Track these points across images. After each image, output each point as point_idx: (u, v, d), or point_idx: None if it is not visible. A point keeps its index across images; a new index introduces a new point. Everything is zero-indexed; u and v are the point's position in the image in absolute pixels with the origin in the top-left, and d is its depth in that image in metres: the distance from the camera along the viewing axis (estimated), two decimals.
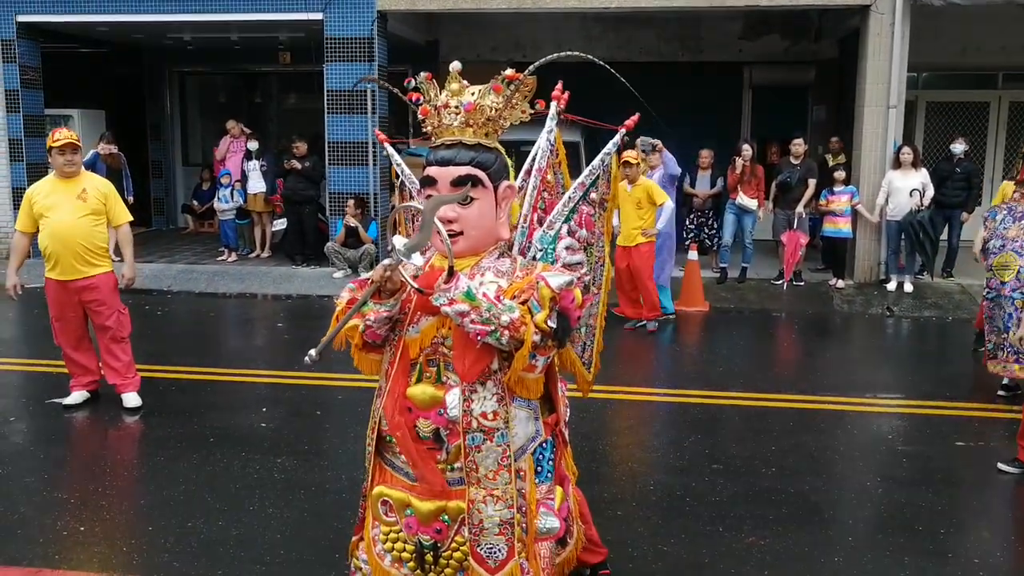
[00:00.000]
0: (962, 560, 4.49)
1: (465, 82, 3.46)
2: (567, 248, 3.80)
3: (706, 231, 12.59)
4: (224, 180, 13.55)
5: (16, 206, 13.40)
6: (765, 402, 7.15)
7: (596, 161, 3.85)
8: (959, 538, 4.74)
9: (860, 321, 10.60)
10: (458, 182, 3.35)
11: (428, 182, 3.41)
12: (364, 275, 4.16)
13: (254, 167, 13.42)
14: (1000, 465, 5.62)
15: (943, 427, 6.60)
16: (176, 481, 5.48)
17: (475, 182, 3.37)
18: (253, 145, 13.49)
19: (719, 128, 14.68)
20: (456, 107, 3.41)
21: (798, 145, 12.03)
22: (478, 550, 3.43)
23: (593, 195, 3.86)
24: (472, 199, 3.37)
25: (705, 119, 14.59)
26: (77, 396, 6.88)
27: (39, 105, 13.85)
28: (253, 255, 13.89)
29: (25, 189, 12.94)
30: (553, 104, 3.81)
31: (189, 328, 10.38)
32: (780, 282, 11.87)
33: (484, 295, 3.14)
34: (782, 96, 15.56)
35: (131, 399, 6.86)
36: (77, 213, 6.57)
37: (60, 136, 6.58)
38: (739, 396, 7.29)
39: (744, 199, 11.81)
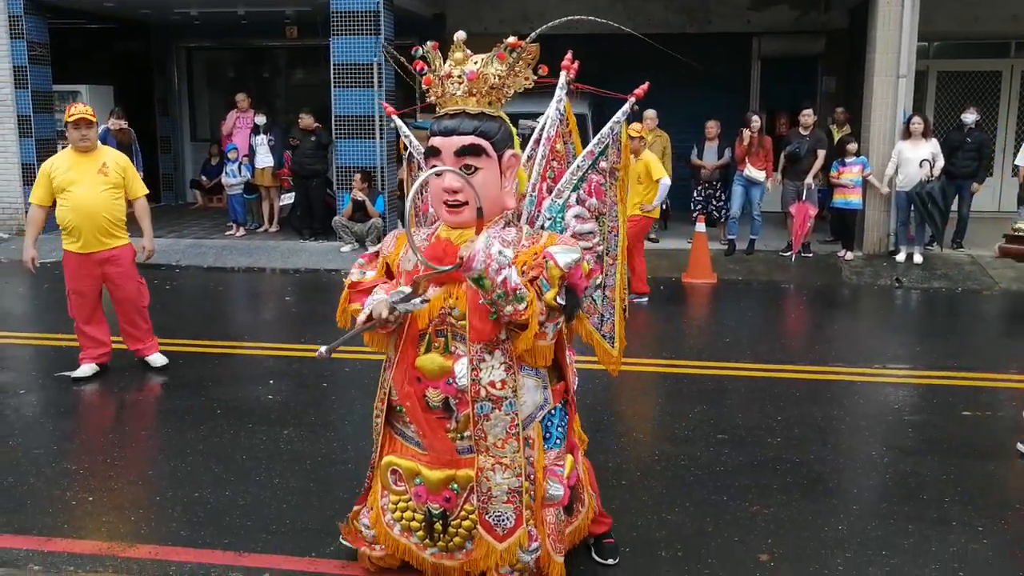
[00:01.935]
0: (966, 528, 4.49)
1: (469, 51, 3.46)
2: (576, 216, 3.82)
3: (714, 203, 12.57)
4: (232, 155, 13.55)
5: (26, 182, 13.47)
6: (772, 373, 7.15)
7: (605, 129, 3.86)
8: (963, 507, 4.74)
9: (869, 292, 10.56)
10: (461, 152, 3.38)
11: (432, 152, 3.44)
12: (372, 248, 4.16)
13: (261, 141, 13.41)
14: (1019, 445, 5.56)
15: (950, 397, 6.58)
16: (183, 452, 5.51)
17: (478, 151, 3.38)
18: (260, 119, 13.48)
19: (727, 99, 14.60)
20: (459, 76, 3.42)
21: (807, 116, 11.96)
22: (486, 518, 3.48)
23: (603, 164, 3.87)
24: (476, 168, 3.39)
25: (713, 90, 14.51)
26: (87, 369, 6.93)
27: (47, 81, 13.87)
28: (261, 229, 13.92)
29: (34, 165, 13.16)
30: (563, 74, 3.81)
31: (197, 302, 10.42)
32: (788, 254, 11.84)
33: (503, 281, 3.13)
34: (791, 67, 15.45)
35: (157, 359, 7.12)
36: (99, 187, 6.69)
37: (75, 111, 6.67)
38: (745, 367, 7.29)
39: (752, 171, 11.76)
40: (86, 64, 15.96)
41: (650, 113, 12.20)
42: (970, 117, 11.85)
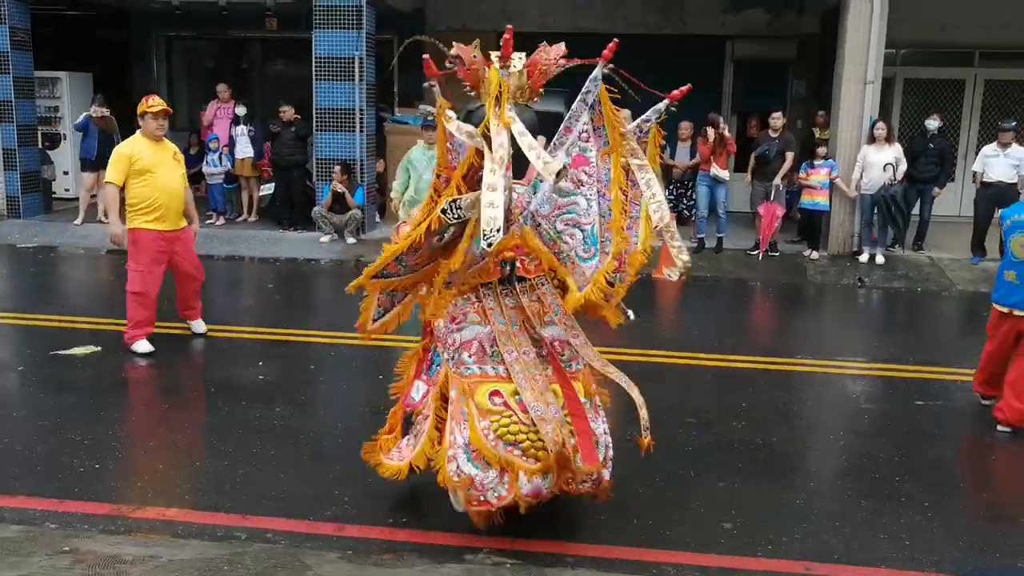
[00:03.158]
0: (915, 503, 4.87)
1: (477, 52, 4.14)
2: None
3: (685, 202, 12.92)
4: (212, 145, 13.72)
5: (7, 167, 13.60)
6: (737, 363, 7.52)
7: (577, 101, 4.31)
8: (913, 484, 5.12)
9: (832, 291, 10.99)
10: None
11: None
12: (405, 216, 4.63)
13: (242, 132, 13.60)
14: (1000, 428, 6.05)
15: (905, 388, 6.99)
16: (182, 426, 5.81)
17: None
18: (241, 110, 13.67)
19: (700, 100, 14.95)
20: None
21: (776, 119, 12.34)
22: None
23: (582, 130, 4.35)
24: None
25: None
26: (145, 345, 7.32)
27: (29, 67, 13.95)
28: (241, 219, 14.11)
29: (15, 150, 13.27)
30: (599, 65, 4.27)
31: None
32: (756, 252, 12.23)
33: None
34: (763, 70, 15.86)
35: (198, 326, 7.88)
36: (176, 172, 7.41)
37: (154, 102, 7.29)
38: (713, 357, 7.65)
39: (717, 170, 12.12)
40: (66, 51, 16.04)
41: (624, 113, 12.48)
42: (933, 124, 12.31)
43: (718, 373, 7.34)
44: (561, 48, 4.25)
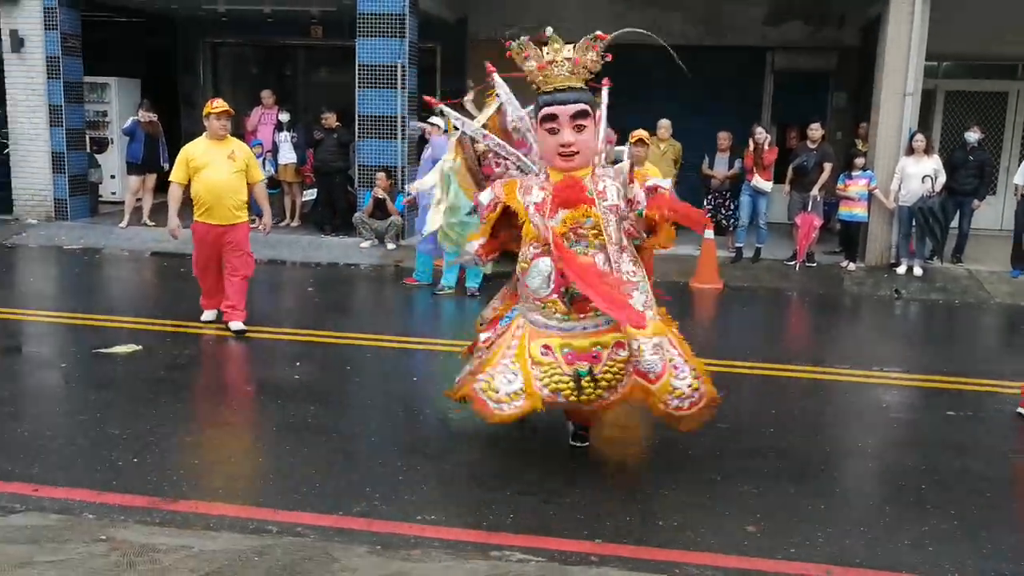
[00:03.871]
0: (940, 511, 4.88)
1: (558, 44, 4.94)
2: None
3: (723, 212, 12.91)
4: (256, 150, 13.90)
5: (55, 170, 13.92)
6: (771, 371, 7.54)
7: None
8: (938, 493, 5.12)
9: (868, 302, 10.94)
10: (576, 115, 4.87)
11: (550, 118, 4.89)
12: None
13: (285, 138, 13.81)
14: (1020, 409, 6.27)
15: (936, 399, 6.97)
16: (218, 423, 5.97)
17: (586, 115, 4.90)
18: (284, 116, 13.87)
19: (740, 112, 14.97)
20: (562, 61, 4.90)
21: (815, 130, 12.31)
22: (640, 368, 4.78)
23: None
24: (583, 127, 4.89)
25: (726, 102, 14.89)
26: (209, 314, 8.29)
27: (78, 72, 14.27)
28: (283, 224, 14.30)
29: (64, 153, 13.64)
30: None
31: None
32: (792, 263, 12.20)
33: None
34: (803, 81, 15.83)
35: (236, 325, 8.04)
36: (229, 170, 7.90)
37: (218, 104, 7.96)
38: (746, 365, 7.66)
39: (759, 181, 12.13)
40: (115, 57, 16.38)
41: (664, 123, 12.57)
42: (973, 136, 12.22)
43: (750, 381, 7.36)
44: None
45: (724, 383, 7.21)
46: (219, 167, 7.84)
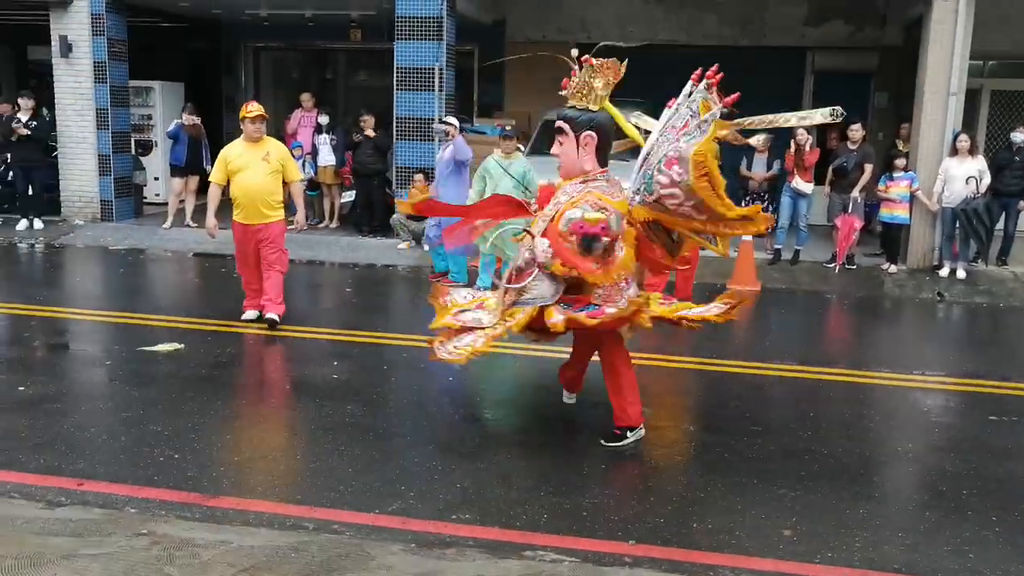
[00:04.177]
0: (980, 517, 4.82)
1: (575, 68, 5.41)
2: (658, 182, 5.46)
3: None
4: (295, 152, 14.03)
5: (102, 172, 14.15)
6: (808, 374, 7.48)
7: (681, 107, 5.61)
8: (980, 498, 5.06)
9: (910, 305, 10.81)
10: (556, 130, 5.50)
11: (558, 131, 5.49)
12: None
13: (324, 140, 13.94)
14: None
15: (979, 403, 6.87)
16: (257, 421, 6.05)
17: (561, 131, 5.42)
18: (324, 119, 14.01)
19: (779, 112, 14.81)
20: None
21: (855, 131, 12.20)
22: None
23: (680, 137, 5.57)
24: (561, 142, 5.46)
25: (766, 103, 14.74)
26: (251, 314, 8.44)
27: (124, 76, 14.50)
28: (322, 225, 14.44)
29: (110, 156, 13.82)
30: (703, 82, 5.65)
31: None
32: (832, 265, 12.09)
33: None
34: (844, 81, 15.66)
35: (270, 315, 8.25)
36: (263, 172, 8.14)
37: (252, 108, 8.23)
38: (783, 368, 7.62)
39: (799, 183, 12.05)
40: (159, 61, 16.62)
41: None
42: (1019, 136, 12.01)
43: (787, 384, 7.31)
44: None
45: (760, 386, 7.26)
46: (254, 169, 8.08)
